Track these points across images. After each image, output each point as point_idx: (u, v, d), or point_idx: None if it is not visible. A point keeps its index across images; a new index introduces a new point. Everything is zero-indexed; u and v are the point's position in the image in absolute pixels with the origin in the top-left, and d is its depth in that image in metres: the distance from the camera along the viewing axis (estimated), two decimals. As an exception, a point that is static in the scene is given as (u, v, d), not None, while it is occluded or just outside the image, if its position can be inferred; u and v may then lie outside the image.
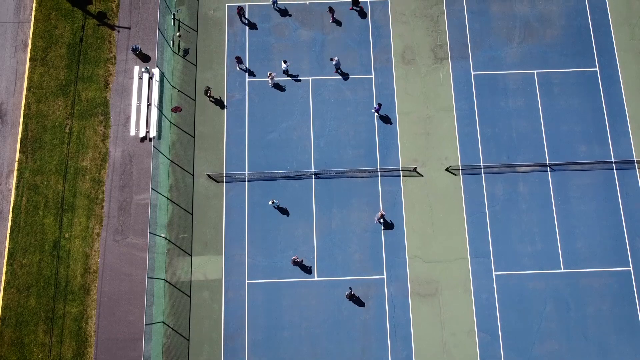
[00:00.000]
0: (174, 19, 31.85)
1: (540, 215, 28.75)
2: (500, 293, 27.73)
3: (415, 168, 29.32)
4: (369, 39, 31.61)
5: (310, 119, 30.33)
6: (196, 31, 31.75)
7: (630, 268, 27.93)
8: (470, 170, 29.40)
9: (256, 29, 31.77)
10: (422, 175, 29.40)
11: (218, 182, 29.35)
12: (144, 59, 31.34)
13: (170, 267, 28.18)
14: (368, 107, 30.41)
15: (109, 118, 30.52)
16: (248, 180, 29.31)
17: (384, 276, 27.96)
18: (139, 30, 31.84)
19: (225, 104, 30.57)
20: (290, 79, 30.84)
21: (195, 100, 30.64)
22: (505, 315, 27.45)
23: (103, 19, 32.07)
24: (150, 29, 31.79)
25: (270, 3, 32.14)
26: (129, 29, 31.89)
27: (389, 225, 28.64)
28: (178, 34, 31.51)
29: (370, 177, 29.37)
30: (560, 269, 27.97)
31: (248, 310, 27.57)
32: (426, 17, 31.92)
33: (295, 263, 27.15)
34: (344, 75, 30.89)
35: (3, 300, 28.08)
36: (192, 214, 28.92)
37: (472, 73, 30.97)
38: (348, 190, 29.16)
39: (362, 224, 28.72)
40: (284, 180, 29.31)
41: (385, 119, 30.20)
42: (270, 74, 29.87)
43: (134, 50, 30.73)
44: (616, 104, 30.36)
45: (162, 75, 30.84)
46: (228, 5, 32.20)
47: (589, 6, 31.98)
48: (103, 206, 29.21)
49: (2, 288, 28.25)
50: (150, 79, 30.69)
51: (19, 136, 30.44)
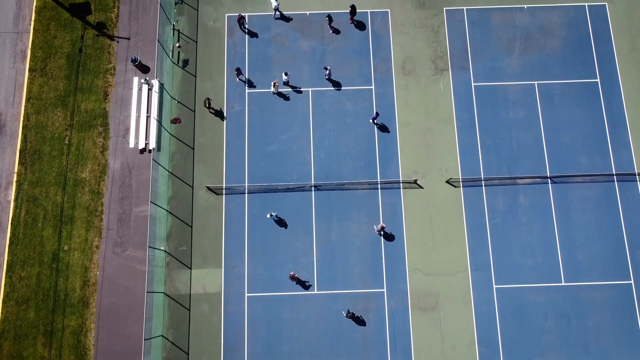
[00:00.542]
0: (174, 29, 31.75)
1: (541, 228, 28.66)
2: (501, 306, 27.64)
3: (416, 180, 29.22)
4: (369, 49, 31.50)
5: (310, 130, 30.23)
6: (196, 42, 31.65)
7: (631, 281, 27.84)
8: (471, 183, 29.30)
9: (256, 40, 31.66)
10: (423, 187, 29.31)
11: (218, 194, 29.25)
12: (144, 69, 31.24)
13: (170, 280, 28.09)
14: (368, 118, 30.30)
15: (108, 129, 30.42)
16: (248, 193, 29.21)
17: (384, 289, 27.86)
18: (139, 41, 31.74)
19: (225, 115, 30.47)
20: (291, 90, 30.73)
21: (194, 111, 30.54)
22: (506, 329, 27.35)
23: (102, 29, 31.96)
24: (150, 39, 31.68)
25: (272, 14, 32.02)
26: (129, 39, 31.79)
27: (389, 238, 28.55)
28: (178, 45, 31.41)
29: (370, 189, 29.27)
30: (561, 282, 27.87)
31: (248, 323, 27.48)
32: (426, 28, 31.81)
33: (293, 279, 27.05)
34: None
35: (2, 313, 27.99)
36: (192, 227, 28.82)
37: (473, 84, 30.86)
38: (348, 202, 29.06)
39: (362, 236, 28.62)
40: (283, 192, 29.21)
41: (385, 130, 30.10)
42: (275, 83, 29.74)
43: (134, 61, 30.63)
44: (617, 115, 30.26)
45: (162, 86, 30.75)
46: (228, 16, 32.09)
47: (590, 16, 31.87)
48: (102, 218, 29.11)
49: (1, 301, 28.15)
50: (149, 90, 30.60)
51: (18, 147, 30.34)
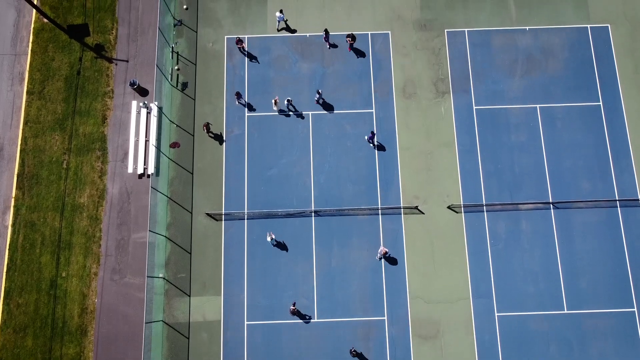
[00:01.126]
0: (173, 51, 31.47)
1: (543, 254, 28.39)
2: (503, 334, 27.38)
3: (417, 206, 28.96)
4: (370, 71, 31.24)
5: (310, 154, 29.96)
6: (195, 64, 31.38)
7: (635, 309, 27.57)
8: (472, 208, 29.03)
9: (255, 62, 31.39)
10: (424, 213, 29.04)
11: (217, 220, 28.99)
12: (142, 92, 30.97)
13: (169, 308, 27.83)
14: (369, 142, 30.02)
15: (107, 154, 30.15)
16: (247, 219, 28.95)
17: (385, 317, 27.60)
18: (137, 63, 31.47)
19: (224, 139, 30.21)
20: (291, 113, 30.46)
21: (193, 135, 30.28)
22: (508, 357, 27.08)
23: (101, 51, 31.69)
24: (149, 61, 31.41)
25: (270, 35, 31.75)
26: (127, 61, 31.52)
27: (390, 264, 28.28)
28: (177, 67, 31.15)
29: (371, 215, 29.01)
30: (564, 310, 27.61)
31: (247, 352, 27.22)
32: (427, 50, 31.54)
33: (293, 313, 26.79)
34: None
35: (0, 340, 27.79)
36: (191, 253, 28.56)
37: (474, 107, 30.59)
38: (348, 228, 28.80)
39: (363, 263, 28.36)
40: (283, 217, 28.95)
41: (386, 153, 29.81)
42: (276, 100, 29.47)
43: (132, 84, 30.36)
44: (620, 139, 29.99)
45: (160, 110, 30.49)
46: (227, 38, 31.81)
47: (592, 38, 31.59)
48: (100, 244, 28.85)
49: (-1, 329, 27.95)
50: (148, 113, 30.34)
51: (16, 171, 30.09)
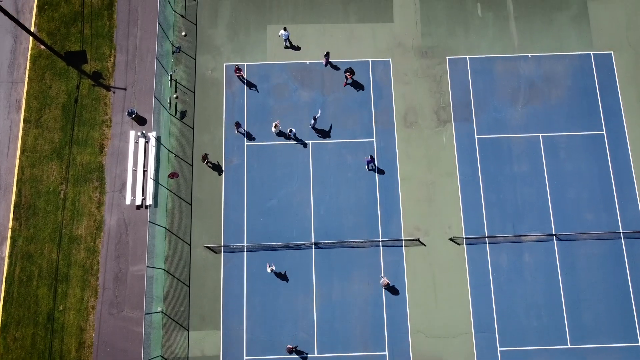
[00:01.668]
0: (171, 79, 31.13)
1: (546, 287, 28.05)
2: (505, 370, 27.08)
3: (418, 239, 28.62)
4: (371, 100, 30.89)
5: (310, 184, 29.62)
6: (193, 92, 31.04)
7: (639, 344, 27.22)
8: (474, 240, 28.69)
9: (255, 90, 31.05)
10: (425, 245, 28.70)
11: (216, 252, 28.66)
12: (140, 121, 30.64)
13: (167, 343, 27.49)
14: (369, 172, 29.69)
15: (105, 184, 29.82)
16: (247, 251, 28.61)
17: (386, 352, 27.26)
18: (135, 91, 31.13)
19: (223, 169, 29.86)
20: (292, 142, 30.12)
21: (192, 165, 29.94)
22: (511, 394, 26.79)
23: (98, 79, 31.35)
24: (147, 89, 31.07)
25: (268, 63, 31.44)
26: (125, 89, 31.18)
27: (391, 297, 27.92)
28: (175, 96, 30.81)
29: (371, 247, 28.66)
30: (567, 345, 27.27)
31: (246, 388, 26.93)
32: (429, 77, 31.19)
33: (290, 351, 26.44)
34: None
35: (-4, 376, 27.46)
36: (189, 286, 28.23)
37: (476, 136, 30.24)
38: (349, 261, 28.46)
39: (364, 296, 28.02)
40: (283, 250, 28.61)
41: (387, 183, 29.47)
42: (276, 124, 29.12)
43: (130, 114, 30.02)
44: (623, 169, 29.64)
45: (159, 139, 30.15)
46: (226, 65, 31.47)
47: (595, 65, 31.24)
48: (98, 277, 28.52)
49: (-5, 363, 27.63)
50: (146, 143, 30.00)
51: (12, 202, 29.76)
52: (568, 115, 30.46)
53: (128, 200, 29.16)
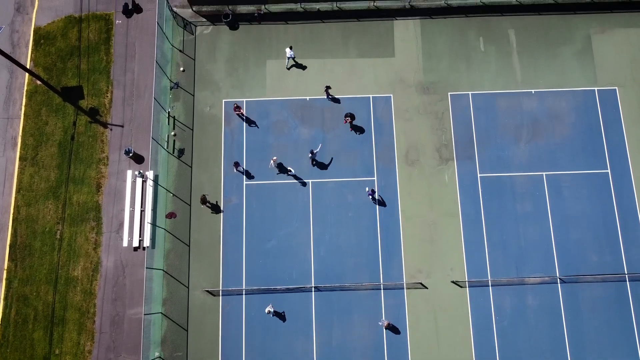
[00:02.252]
0: (169, 116, 30.68)
1: (550, 331, 27.58)
2: (509, 417, 26.61)
3: (420, 282, 28.15)
4: (372, 137, 30.43)
5: (310, 224, 29.16)
6: (192, 129, 30.58)
7: (645, 390, 26.79)
8: (477, 282, 28.22)
9: (254, 127, 30.59)
10: (427, 288, 28.23)
11: (214, 295, 28.19)
12: (138, 159, 30.17)
13: (165, 389, 27.06)
14: (370, 212, 29.25)
15: (101, 224, 29.35)
16: (245, 294, 28.15)
17: (387, 399, 26.84)
18: (133, 128, 30.67)
19: (222, 208, 29.40)
20: (291, 181, 29.66)
21: (190, 205, 29.48)
22: None
23: (95, 115, 30.89)
24: (145, 126, 30.61)
25: (269, 97, 30.99)
26: (122, 126, 30.72)
27: (392, 338, 27.44)
28: (173, 133, 30.37)
29: (372, 290, 28.20)
30: (571, 391, 26.84)
31: None
32: (430, 114, 30.73)
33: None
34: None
35: (-10, 423, 27.01)
36: (187, 330, 27.76)
37: (479, 175, 29.78)
38: (349, 303, 27.99)
39: (364, 340, 27.55)
40: (282, 293, 28.14)
41: (388, 223, 29.00)
42: (274, 160, 28.70)
43: (127, 152, 29.57)
44: (628, 209, 29.17)
45: (157, 178, 29.70)
46: (225, 102, 31.01)
47: (600, 101, 30.79)
48: (95, 320, 28.06)
49: (-10, 410, 27.18)
50: (144, 182, 29.55)
51: (8, 242, 29.30)
52: (572, 153, 30.00)
53: (125, 242, 28.71)
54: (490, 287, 28.26)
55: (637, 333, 27.52)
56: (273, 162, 28.73)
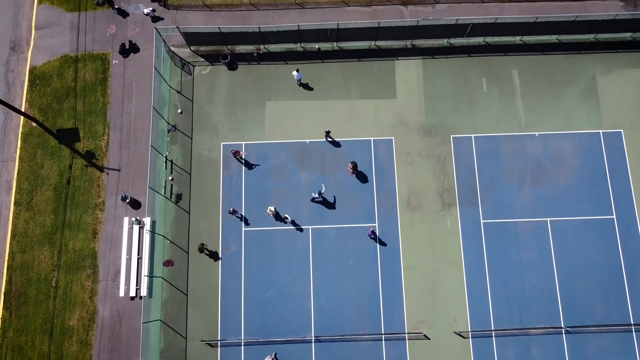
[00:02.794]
0: (166, 160, 30.13)
1: (555, 384, 27.09)
2: None
3: (423, 333, 27.62)
4: (373, 181, 29.89)
5: (310, 273, 28.63)
6: (189, 174, 30.03)
7: None
8: (480, 333, 27.68)
9: (253, 171, 30.05)
10: (429, 338, 27.69)
11: (213, 346, 27.66)
12: (135, 205, 29.62)
13: None
14: (371, 260, 28.71)
15: (98, 272, 28.82)
16: (244, 345, 27.62)
17: None
18: (129, 172, 30.13)
19: (220, 256, 28.86)
20: (292, 227, 29.13)
21: (188, 252, 28.94)
22: None
23: (92, 159, 30.35)
24: (141, 170, 30.06)
25: (268, 140, 30.45)
26: (119, 170, 30.17)
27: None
28: (170, 178, 29.83)
29: (374, 340, 27.66)
30: None
31: None
32: (432, 158, 30.18)
33: None
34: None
35: None
36: (185, 383, 27.27)
37: (482, 221, 29.24)
38: (350, 355, 27.45)
39: (366, 393, 27.05)
40: (282, 344, 27.62)
41: (389, 271, 28.47)
42: (271, 209, 28.23)
43: (124, 199, 29.03)
44: (635, 256, 28.63)
45: (154, 224, 29.17)
46: (223, 145, 30.46)
47: (605, 144, 30.23)
48: (91, 372, 27.57)
49: None
50: (141, 228, 29.02)
51: (3, 290, 28.78)
52: (576, 198, 29.45)
53: (122, 292, 28.17)
54: (494, 338, 27.72)
55: (644, 386, 27.04)
56: (270, 212, 28.23)
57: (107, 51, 31.90)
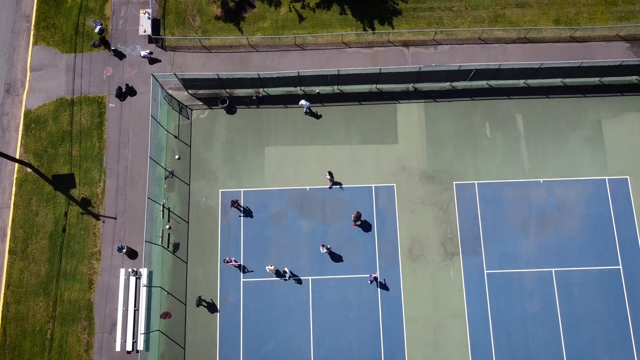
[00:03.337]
0: (164, 208, 29.57)
1: None
2: None
3: (424, 390, 27.13)
4: (374, 230, 29.32)
5: (310, 325, 28.07)
6: (187, 222, 29.47)
7: None
8: (484, 389, 27.18)
9: (252, 219, 29.48)
10: (432, 394, 27.18)
11: (211, 403, 27.15)
12: (131, 254, 29.06)
13: None
14: (373, 312, 28.16)
15: (93, 324, 28.27)
16: (243, 401, 27.13)
17: None
18: (126, 220, 29.56)
19: (218, 308, 28.30)
20: (290, 279, 28.57)
21: (185, 304, 28.38)
22: None
23: (87, 206, 29.80)
24: (138, 218, 29.48)
25: (268, 187, 29.89)
26: (115, 219, 29.61)
27: None
28: (167, 227, 29.27)
29: (375, 396, 27.16)
30: None
31: None
32: (435, 205, 29.61)
33: None
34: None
35: None
36: None
37: (485, 271, 28.68)
38: (351, 411, 26.95)
39: None
40: (281, 400, 27.13)
41: (391, 324, 27.92)
42: (271, 268, 27.76)
43: (120, 249, 28.48)
44: (641, 308, 28.10)
45: (151, 275, 28.62)
46: (222, 192, 29.90)
47: (610, 191, 29.66)
48: None
49: None
50: (137, 279, 28.46)
51: (-3, 342, 28.27)
52: (582, 248, 28.88)
53: (118, 346, 27.62)
54: (498, 393, 27.20)
55: None
56: (270, 271, 27.72)
57: (104, 94, 31.34)
